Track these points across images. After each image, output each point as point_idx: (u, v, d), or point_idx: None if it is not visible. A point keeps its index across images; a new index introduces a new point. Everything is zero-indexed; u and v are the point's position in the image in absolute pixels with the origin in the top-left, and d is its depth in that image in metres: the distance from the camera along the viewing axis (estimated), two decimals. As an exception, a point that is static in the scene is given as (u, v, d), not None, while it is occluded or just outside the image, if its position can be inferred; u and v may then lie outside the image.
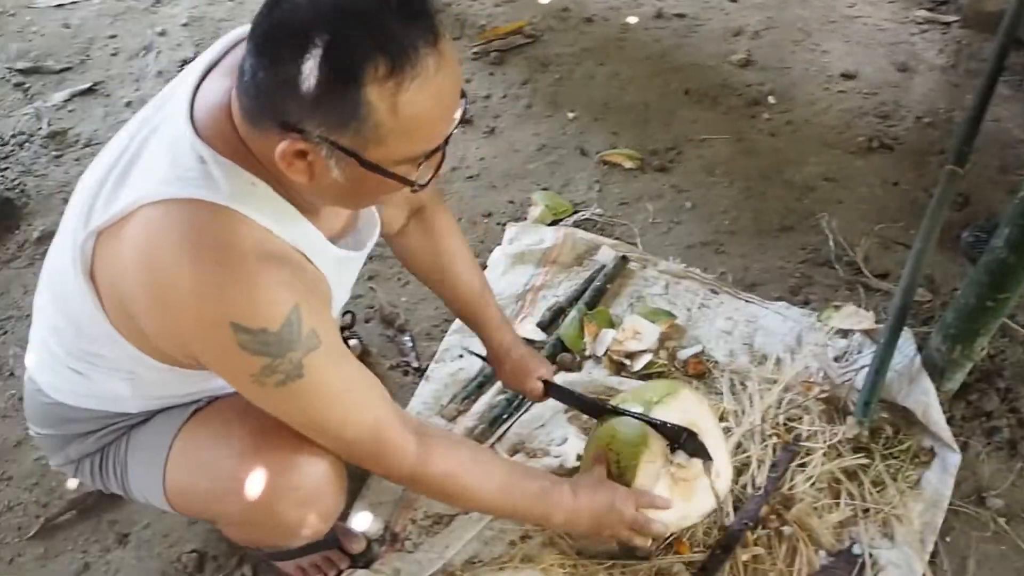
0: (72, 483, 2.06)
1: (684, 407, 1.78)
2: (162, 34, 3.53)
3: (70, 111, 3.20)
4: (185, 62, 3.34)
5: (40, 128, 3.11)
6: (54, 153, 3.02)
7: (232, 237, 1.18)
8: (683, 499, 1.74)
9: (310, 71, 1.07)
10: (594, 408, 1.91)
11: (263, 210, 1.22)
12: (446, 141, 1.22)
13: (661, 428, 1.75)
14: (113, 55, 3.46)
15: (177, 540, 1.97)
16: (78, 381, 1.47)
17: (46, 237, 2.67)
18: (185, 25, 3.57)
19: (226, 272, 1.17)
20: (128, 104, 3.19)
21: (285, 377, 1.23)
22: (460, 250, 1.87)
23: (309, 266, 1.31)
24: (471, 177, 2.83)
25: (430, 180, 1.25)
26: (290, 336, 1.20)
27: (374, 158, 1.15)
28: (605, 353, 2.21)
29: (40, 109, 3.20)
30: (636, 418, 1.77)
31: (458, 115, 1.22)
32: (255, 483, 1.45)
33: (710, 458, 1.76)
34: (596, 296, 2.36)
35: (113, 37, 3.55)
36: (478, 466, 1.54)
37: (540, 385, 1.94)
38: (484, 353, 2.01)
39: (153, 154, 1.24)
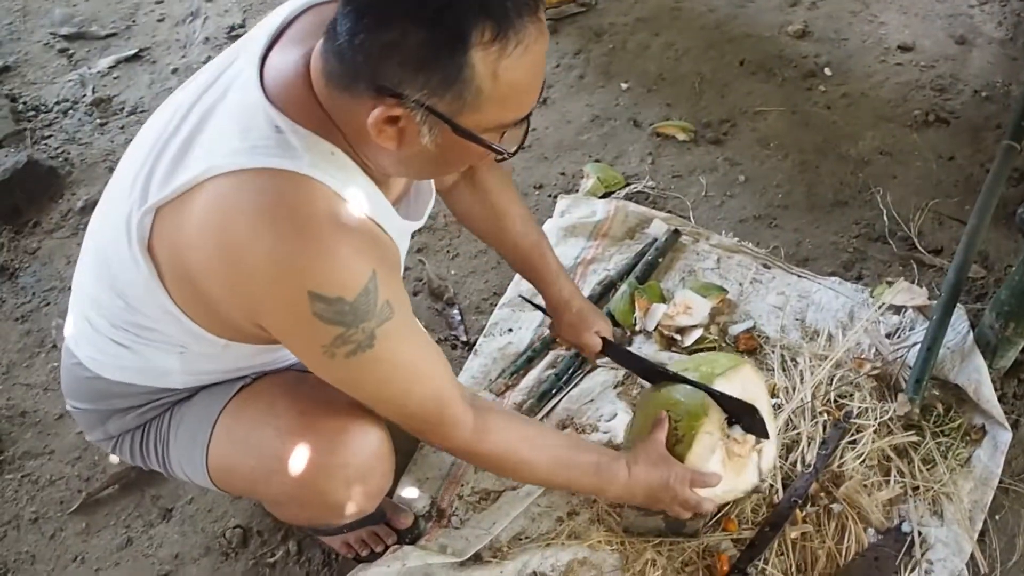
0: (115, 457, 2.07)
1: (744, 382, 1.80)
2: (210, 0, 3.54)
3: (115, 78, 3.22)
4: (232, 28, 3.36)
5: (84, 95, 3.14)
6: (99, 121, 3.04)
7: (310, 206, 1.18)
8: (734, 473, 1.76)
9: (418, 33, 1.07)
10: (652, 372, 1.92)
11: (340, 179, 1.22)
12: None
13: (725, 400, 1.76)
14: (159, 21, 3.48)
15: (221, 515, 1.99)
16: (122, 355, 1.46)
17: (90, 207, 2.70)
18: (234, -10, 3.58)
19: (304, 241, 1.16)
20: (174, 71, 3.21)
21: (356, 347, 1.23)
22: (512, 202, 1.87)
23: (383, 235, 1.31)
24: (523, 148, 2.81)
25: (517, 149, 1.26)
26: (366, 306, 1.21)
27: (467, 124, 1.16)
28: (656, 328, 2.22)
29: (85, 76, 3.22)
30: (700, 388, 1.78)
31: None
32: (302, 462, 1.45)
33: (767, 435, 1.78)
34: (647, 270, 2.36)
35: (160, 3, 3.56)
36: (534, 439, 1.56)
37: (598, 340, 1.95)
38: (542, 304, 2.03)
39: (220, 125, 1.24)
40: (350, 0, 1.12)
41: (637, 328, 2.25)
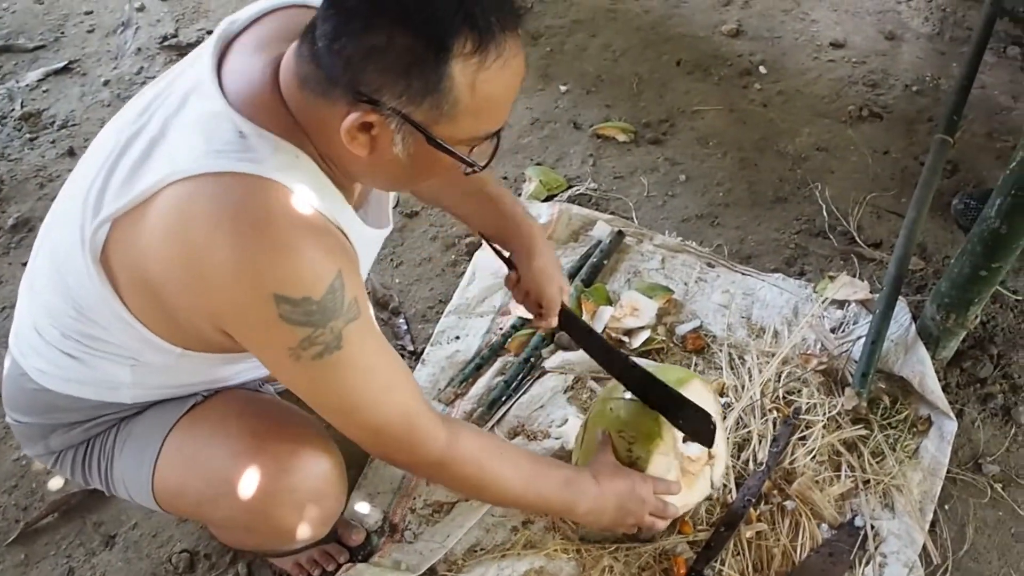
0: (54, 484, 2.01)
1: (695, 397, 1.78)
2: (140, 9, 3.47)
3: (44, 91, 3.13)
4: (165, 38, 3.29)
5: (13, 110, 3.05)
6: (28, 136, 2.95)
7: (272, 208, 1.16)
8: (687, 488, 1.76)
9: (402, 39, 1.07)
10: (606, 352, 1.86)
11: (306, 183, 1.20)
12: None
13: (677, 406, 1.74)
14: (89, 32, 3.39)
15: (167, 540, 1.93)
16: (71, 366, 1.41)
17: (21, 224, 2.64)
18: (165, 0, 3.50)
19: (267, 242, 1.14)
20: (106, 83, 3.13)
21: (324, 349, 1.20)
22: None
23: (346, 241, 1.29)
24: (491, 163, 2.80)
25: (487, 163, 1.24)
26: (333, 304, 1.18)
27: (440, 134, 1.15)
28: (603, 330, 2.22)
29: (12, 90, 3.13)
30: (656, 385, 1.75)
31: None
32: (251, 485, 1.41)
33: (710, 446, 1.78)
34: (593, 272, 2.36)
35: (89, 13, 3.48)
36: (503, 454, 1.52)
37: (558, 297, 1.84)
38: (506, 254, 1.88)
39: (182, 133, 1.21)
40: (334, 3, 1.12)
41: (585, 331, 2.24)
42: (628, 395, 1.81)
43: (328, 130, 1.17)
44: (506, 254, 1.86)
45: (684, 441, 1.77)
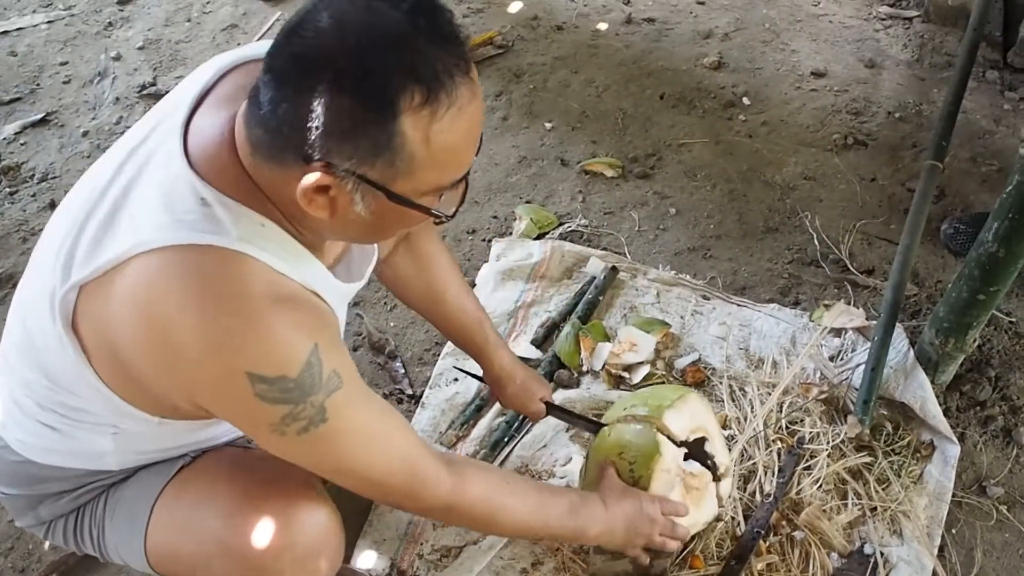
0: (48, 545, 1.97)
1: (692, 412, 1.80)
2: (117, 59, 3.45)
3: (22, 144, 3.11)
4: (143, 87, 3.28)
5: (-9, 164, 3.03)
6: (8, 189, 2.93)
7: (241, 283, 1.13)
8: (694, 506, 1.75)
9: (342, 102, 1.03)
10: (594, 425, 1.91)
11: (273, 251, 1.17)
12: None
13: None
14: (65, 83, 3.38)
15: (167, 599, 1.90)
16: (52, 437, 1.38)
17: (5, 279, 2.61)
18: (141, 48, 3.49)
19: (237, 320, 1.11)
20: (85, 134, 3.11)
21: (308, 423, 1.17)
22: (451, 275, 1.83)
23: (321, 304, 1.26)
24: (460, 210, 2.80)
25: (456, 211, 1.21)
26: (311, 380, 1.14)
27: (401, 190, 1.11)
28: (603, 367, 2.22)
29: (-10, 143, 3.11)
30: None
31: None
32: (246, 545, 1.37)
33: (715, 471, 1.79)
34: (589, 309, 2.36)
35: (64, 64, 3.46)
36: (510, 487, 1.51)
37: (542, 407, 1.93)
38: (479, 374, 1.99)
39: (143, 197, 1.18)
40: (271, 67, 1.08)
41: (584, 369, 2.24)
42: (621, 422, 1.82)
43: (287, 193, 1.12)
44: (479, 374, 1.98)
45: (685, 459, 1.77)
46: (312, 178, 1.08)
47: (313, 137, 1.05)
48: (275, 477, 1.43)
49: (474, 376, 2.07)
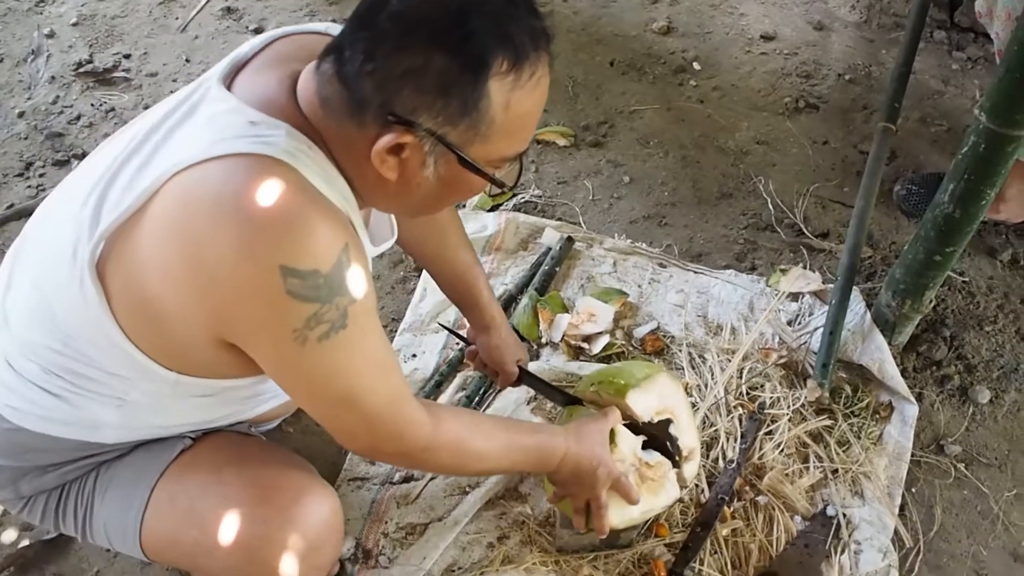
0: (8, 536, 1.91)
1: (661, 392, 1.76)
2: (51, 36, 3.31)
3: (-45, 126, 3.00)
4: (80, 64, 3.17)
5: (-77, 147, 2.91)
6: (-57, 173, 2.82)
7: (278, 184, 1.12)
8: (650, 494, 1.72)
9: (439, 60, 1.08)
10: (564, 397, 1.89)
11: (317, 173, 1.17)
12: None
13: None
14: (-2, 61, 3.26)
15: (132, 588, 1.85)
16: (52, 405, 1.34)
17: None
18: (75, 25, 3.34)
19: (270, 213, 1.10)
20: (21, 115, 2.98)
21: (330, 328, 1.16)
22: (452, 224, 1.82)
23: (352, 226, 1.25)
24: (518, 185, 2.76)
25: (516, 183, 1.27)
26: (340, 278, 1.15)
27: (473, 156, 1.16)
28: (562, 339, 2.20)
29: (-79, 128, 2.99)
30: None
31: None
32: (253, 536, 1.36)
33: (678, 455, 1.77)
34: (546, 280, 2.34)
35: (-6, 42, 3.34)
36: (481, 430, 1.50)
37: (516, 370, 1.91)
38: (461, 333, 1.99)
39: (186, 133, 1.19)
40: (364, 24, 1.12)
41: (543, 341, 2.22)
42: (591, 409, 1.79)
43: (353, 152, 1.17)
44: (462, 332, 1.98)
45: (645, 446, 1.74)
46: (392, 136, 1.12)
47: (404, 94, 1.10)
48: (283, 468, 1.43)
49: (455, 334, 2.05)
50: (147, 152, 1.20)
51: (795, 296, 2.29)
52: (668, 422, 1.76)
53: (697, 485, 1.90)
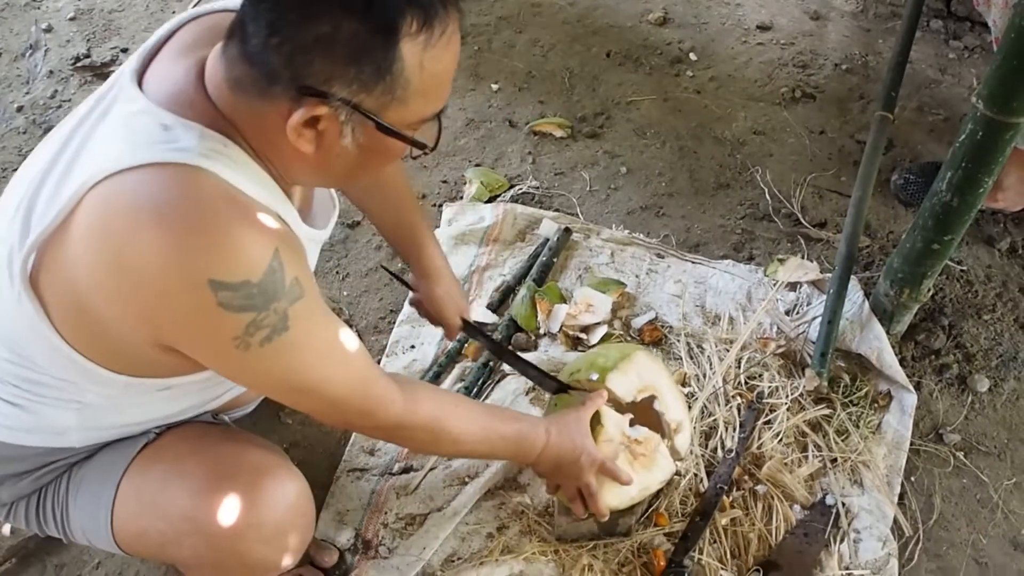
0: (7, 529, 1.91)
1: (640, 370, 1.77)
2: (48, 30, 3.31)
3: (-47, 121, 3.00)
4: (78, 59, 3.17)
5: (-78, 144, 2.90)
6: (-58, 170, 2.81)
7: (198, 193, 1.10)
8: (645, 471, 1.73)
9: (348, 26, 1.06)
10: (502, 352, 1.92)
11: (237, 170, 1.14)
12: None
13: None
14: (-5, 56, 3.25)
15: (132, 578, 1.85)
16: (13, 414, 1.34)
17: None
18: (73, 19, 3.35)
19: (195, 226, 1.08)
20: (19, 109, 2.99)
21: (271, 332, 1.14)
22: (397, 173, 1.81)
23: (284, 224, 1.22)
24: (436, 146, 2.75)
25: (436, 143, 1.24)
26: (273, 285, 1.12)
27: (391, 120, 1.14)
28: (560, 329, 2.20)
29: (-80, 122, 2.98)
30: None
31: None
32: (215, 523, 1.33)
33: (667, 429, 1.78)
34: (544, 271, 2.34)
35: (-9, 37, 3.32)
36: (459, 411, 1.51)
37: (459, 322, 1.90)
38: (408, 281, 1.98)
39: (102, 140, 1.16)
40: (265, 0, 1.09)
41: (541, 331, 2.22)
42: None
43: (265, 130, 1.15)
44: (407, 279, 1.97)
45: (633, 424, 1.74)
46: (306, 110, 1.10)
47: (315, 65, 1.08)
48: (243, 451, 1.41)
49: (397, 278, 2.03)
50: (67, 160, 1.18)
51: (793, 286, 2.28)
52: (652, 399, 1.77)
53: (696, 475, 1.90)
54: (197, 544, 1.36)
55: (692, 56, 3.07)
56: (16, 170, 2.68)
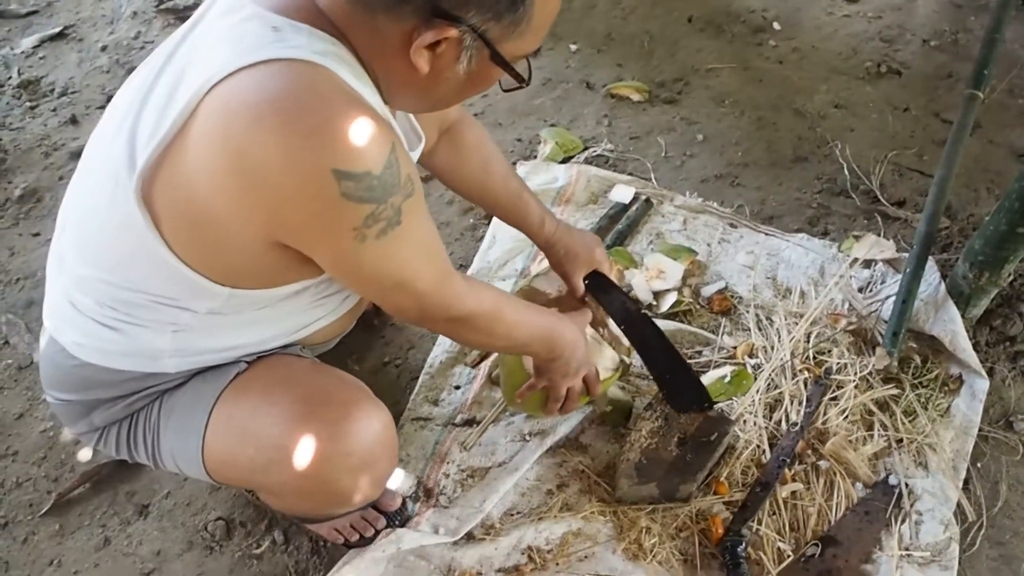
0: (84, 455, 1.98)
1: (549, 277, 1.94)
2: (134, -29, 3.38)
3: (41, 58, 3.05)
4: (162, 1, 3.21)
5: (10, 78, 2.97)
6: (28, 104, 2.88)
7: (319, 85, 1.11)
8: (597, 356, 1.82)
9: None
10: (632, 320, 1.87)
11: (346, 71, 1.15)
12: None
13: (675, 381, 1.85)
14: (82, -5, 3.30)
15: (201, 508, 1.90)
16: (110, 338, 1.37)
17: (29, 195, 2.58)
18: (159, -41, 3.41)
19: (317, 118, 1.09)
20: (103, 49, 3.04)
21: (387, 225, 1.18)
22: (493, 155, 1.83)
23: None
24: (475, 115, 2.76)
25: (530, 79, 1.26)
26: (392, 179, 1.15)
27: (505, 52, 1.18)
28: (631, 294, 2.19)
29: (8, 57, 3.05)
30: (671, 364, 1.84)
31: None
32: (304, 452, 1.38)
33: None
34: (618, 240, 2.33)
35: (79, -25, 3.37)
36: (510, 299, 1.53)
37: (581, 285, 1.88)
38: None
39: (210, 48, 1.16)
40: None
41: (611, 295, 2.21)
42: None
43: (383, 46, 1.16)
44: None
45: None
46: (436, 32, 1.11)
47: None
48: (333, 385, 1.45)
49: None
50: (173, 74, 1.19)
51: (868, 263, 2.25)
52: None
53: (759, 446, 1.89)
54: (285, 471, 1.40)
55: (776, 25, 3.02)
56: (101, 108, 2.77)
